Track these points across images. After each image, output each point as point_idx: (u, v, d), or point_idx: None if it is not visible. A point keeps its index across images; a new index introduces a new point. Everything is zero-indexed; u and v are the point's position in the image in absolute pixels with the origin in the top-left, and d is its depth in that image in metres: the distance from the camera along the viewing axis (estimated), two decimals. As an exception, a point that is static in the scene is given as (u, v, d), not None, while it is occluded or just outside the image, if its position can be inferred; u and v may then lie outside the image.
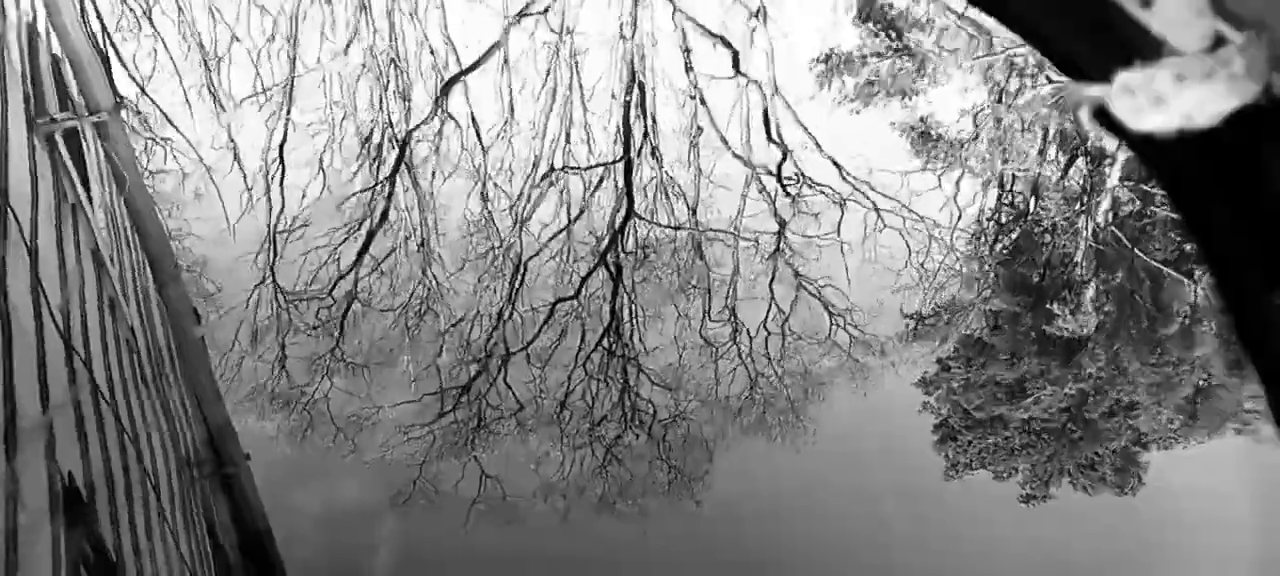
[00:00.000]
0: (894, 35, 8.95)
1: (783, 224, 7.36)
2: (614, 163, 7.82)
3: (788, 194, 7.68)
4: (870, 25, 9.06)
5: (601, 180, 7.59)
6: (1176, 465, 6.90)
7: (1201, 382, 6.98)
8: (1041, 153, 8.36)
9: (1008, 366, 7.11)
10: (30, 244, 2.37)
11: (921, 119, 8.43)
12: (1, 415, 1.70)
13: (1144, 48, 0.94)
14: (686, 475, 6.18)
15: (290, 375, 6.26)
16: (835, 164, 7.87)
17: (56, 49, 3.40)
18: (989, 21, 8.36)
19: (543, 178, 7.48)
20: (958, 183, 7.98)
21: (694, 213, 7.43)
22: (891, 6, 9.13)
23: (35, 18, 3.29)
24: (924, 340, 7.20)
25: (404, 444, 5.96)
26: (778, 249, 7.27)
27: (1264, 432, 6.68)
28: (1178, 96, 0.91)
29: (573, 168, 7.63)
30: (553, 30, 8.58)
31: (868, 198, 7.64)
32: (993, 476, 6.75)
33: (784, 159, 8.01)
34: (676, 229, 7.37)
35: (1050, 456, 6.86)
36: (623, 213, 7.46)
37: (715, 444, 6.38)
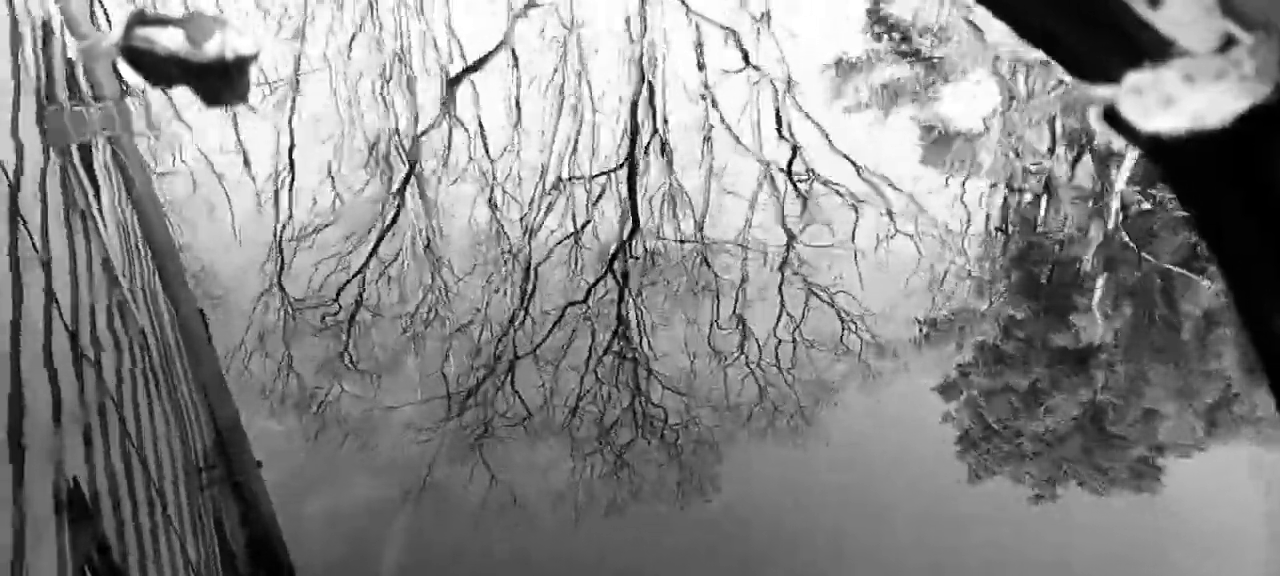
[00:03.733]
0: (902, 39, 8.93)
1: (791, 237, 7.33)
2: (618, 168, 7.81)
3: (799, 194, 7.65)
4: (876, 28, 9.04)
5: (603, 191, 7.58)
6: (1188, 469, 6.85)
7: (1223, 391, 6.91)
8: (1051, 151, 8.33)
9: (1022, 373, 7.06)
10: (41, 248, 2.38)
11: (936, 114, 8.41)
12: (8, 419, 1.71)
13: (1152, 48, 0.93)
14: (697, 478, 6.17)
15: (300, 377, 6.28)
16: (849, 159, 7.84)
17: (71, 52, 3.43)
18: (995, 25, 8.34)
19: (552, 187, 7.48)
20: (964, 183, 7.95)
21: (701, 228, 7.40)
22: (892, 14, 9.12)
23: (50, 20, 3.32)
24: (936, 346, 7.17)
25: (414, 446, 5.97)
26: (785, 260, 7.25)
27: (1273, 437, 6.64)
28: (1187, 97, 0.90)
29: (579, 177, 7.62)
30: (564, 25, 8.59)
31: (881, 196, 7.60)
32: (1012, 481, 6.71)
33: (794, 155, 7.99)
34: (682, 243, 7.35)
35: (1062, 462, 6.82)
36: (629, 226, 7.45)
37: (725, 448, 6.37)
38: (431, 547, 5.56)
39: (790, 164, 7.83)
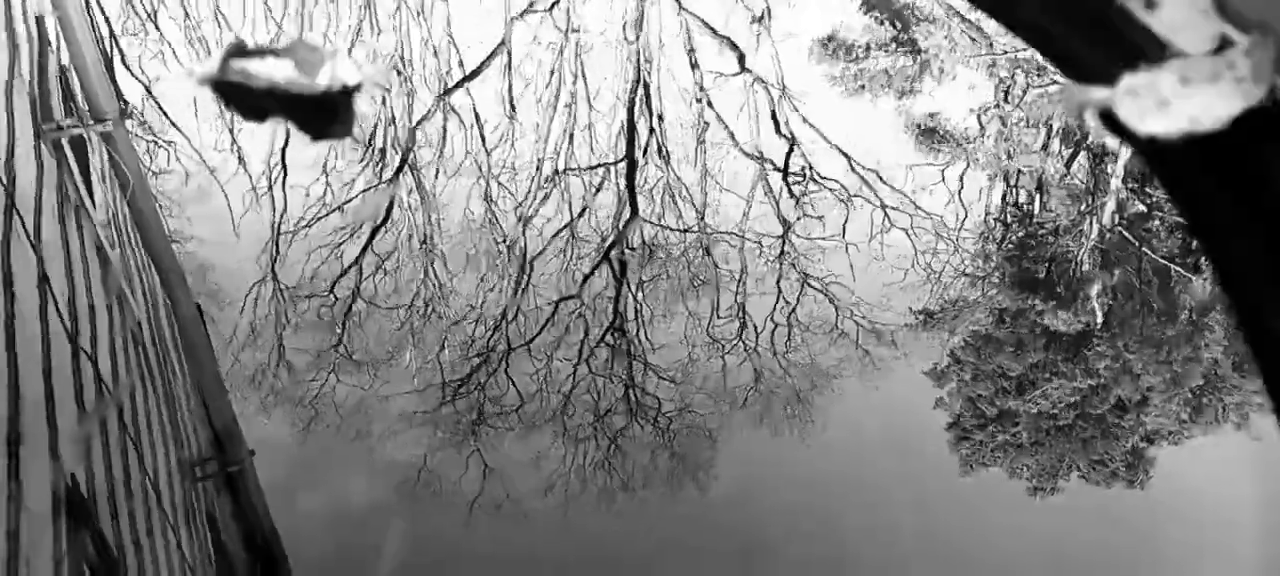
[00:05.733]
0: (899, 27, 8.95)
1: (787, 226, 7.36)
2: (616, 162, 7.83)
3: (793, 194, 7.67)
4: (875, 15, 9.06)
5: (602, 183, 7.60)
6: (1184, 461, 6.90)
7: (1207, 377, 6.99)
8: (1045, 148, 8.36)
9: (1014, 358, 7.11)
10: (36, 244, 2.37)
11: (929, 115, 8.43)
12: (5, 414, 1.71)
13: (1148, 50, 0.93)
14: (690, 466, 6.20)
15: (293, 369, 6.29)
16: (843, 153, 7.87)
17: (65, 58, 3.42)
18: (991, 24, 8.36)
19: (547, 179, 7.50)
20: (961, 178, 7.98)
21: (702, 216, 7.43)
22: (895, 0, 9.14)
23: (44, 24, 3.31)
24: (931, 331, 7.22)
25: (407, 435, 5.98)
26: (783, 251, 7.28)
27: (1258, 427, 6.74)
28: (1183, 99, 0.90)
29: (576, 169, 7.64)
30: (558, 28, 8.60)
31: (876, 194, 7.64)
32: (1008, 475, 6.76)
33: (790, 151, 8.01)
34: (684, 232, 7.38)
35: (1060, 455, 6.87)
36: (626, 215, 7.47)
37: (719, 435, 6.39)
38: (426, 539, 5.57)
39: (786, 161, 7.86)
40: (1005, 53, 8.52)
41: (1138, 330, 7.33)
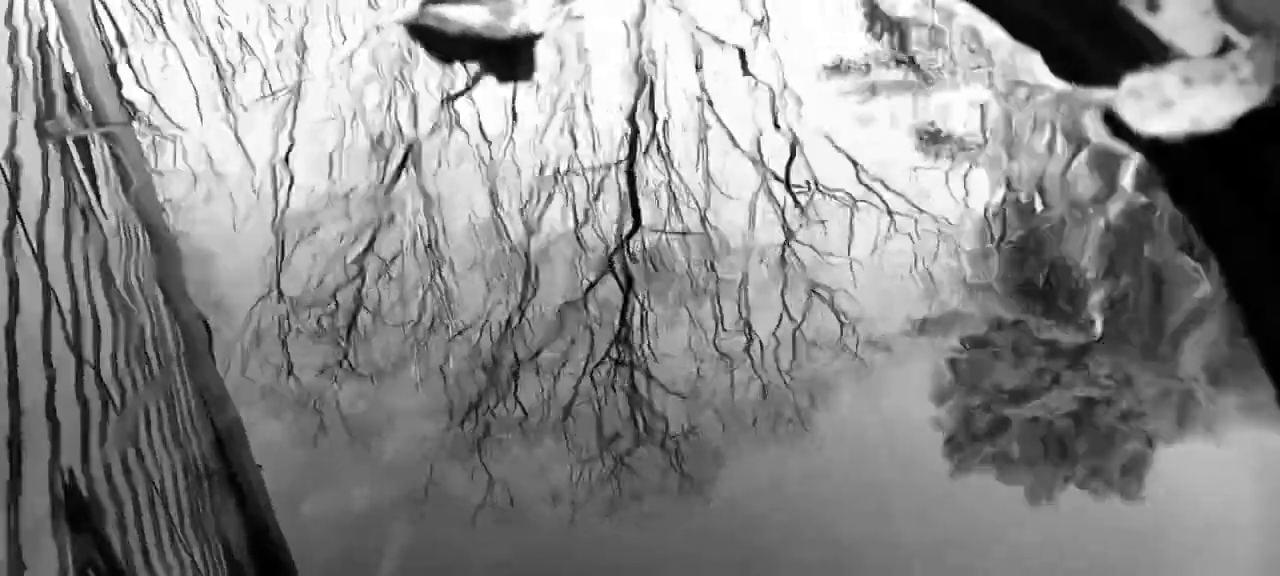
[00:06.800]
0: (899, 43, 8.96)
1: (789, 234, 7.35)
2: (618, 164, 7.84)
3: (797, 204, 7.66)
4: (876, 29, 9.06)
5: (603, 184, 7.61)
6: (1182, 465, 6.90)
7: (1188, 389, 7.01)
8: (1049, 147, 8.35)
9: (1012, 368, 7.10)
10: (38, 248, 2.38)
11: (931, 122, 8.43)
12: (6, 420, 1.72)
13: (1151, 51, 0.92)
14: (696, 480, 6.19)
15: (299, 379, 6.30)
16: (850, 159, 7.85)
17: (68, 63, 3.43)
18: (990, 36, 8.38)
19: (551, 178, 7.51)
20: (965, 180, 7.98)
21: (704, 220, 7.42)
22: (896, 9, 9.15)
23: (47, 27, 3.32)
24: (929, 336, 7.21)
25: (412, 448, 5.99)
26: (783, 258, 7.27)
27: (1229, 436, 6.78)
28: (1186, 100, 0.90)
29: (577, 171, 7.65)
30: (560, 50, 8.64)
31: (881, 198, 7.63)
32: (1000, 480, 6.77)
33: (792, 157, 7.99)
34: (684, 235, 7.37)
35: (1058, 465, 6.87)
36: (629, 224, 7.47)
37: (726, 451, 6.38)
38: (431, 549, 5.58)
39: (789, 168, 7.86)
40: (1003, 61, 8.53)
41: (1131, 340, 7.33)
